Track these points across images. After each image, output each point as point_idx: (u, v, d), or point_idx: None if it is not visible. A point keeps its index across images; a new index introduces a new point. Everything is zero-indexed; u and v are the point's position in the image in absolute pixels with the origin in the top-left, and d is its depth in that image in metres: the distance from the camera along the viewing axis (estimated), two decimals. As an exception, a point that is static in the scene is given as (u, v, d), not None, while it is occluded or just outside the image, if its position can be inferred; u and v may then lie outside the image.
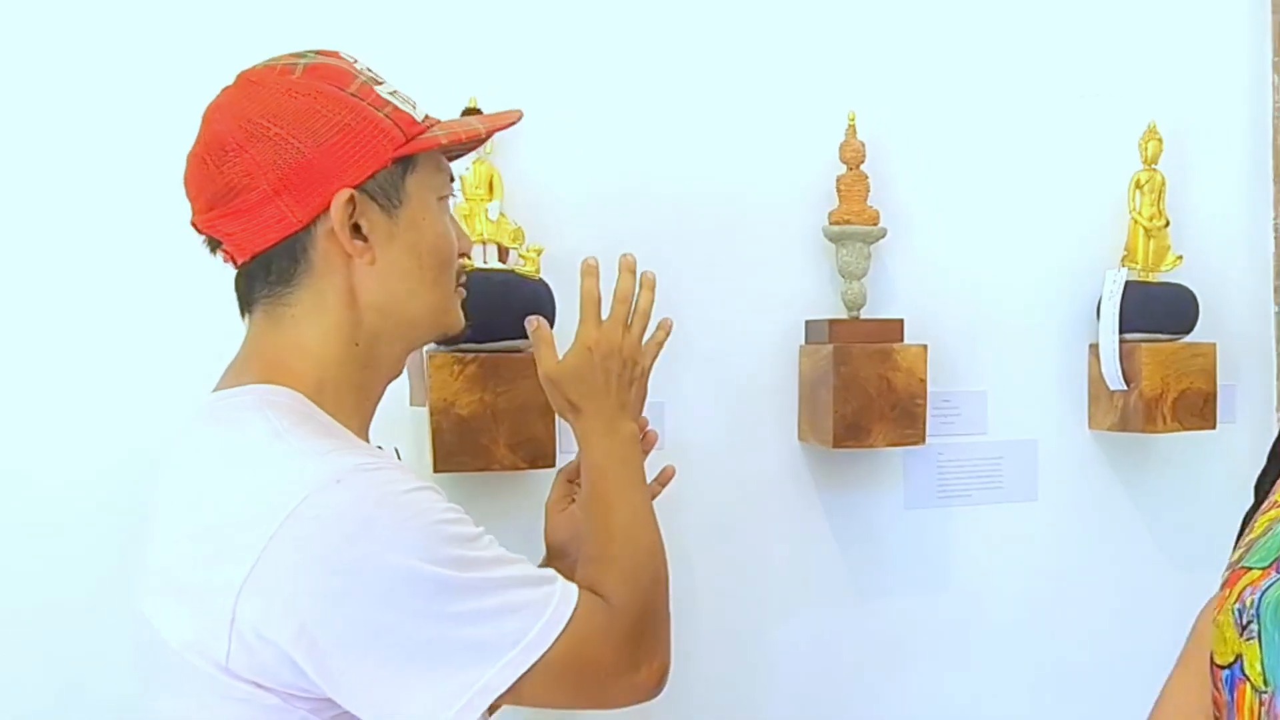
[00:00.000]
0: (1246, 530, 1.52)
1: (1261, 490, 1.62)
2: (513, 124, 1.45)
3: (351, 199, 1.27)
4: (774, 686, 2.25)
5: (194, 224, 1.32)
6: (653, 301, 1.65)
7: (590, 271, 1.61)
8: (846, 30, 2.23)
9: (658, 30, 2.12)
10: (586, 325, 1.57)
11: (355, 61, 1.34)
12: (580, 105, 2.08)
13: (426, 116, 1.36)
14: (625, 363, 1.57)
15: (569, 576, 1.42)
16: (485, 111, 1.88)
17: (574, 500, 1.75)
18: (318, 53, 1.33)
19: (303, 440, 1.21)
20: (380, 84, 1.33)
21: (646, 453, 1.71)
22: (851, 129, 2.15)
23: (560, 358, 1.57)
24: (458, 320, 1.44)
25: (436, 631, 1.17)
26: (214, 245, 1.33)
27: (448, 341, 1.50)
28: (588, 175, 2.06)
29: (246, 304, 1.34)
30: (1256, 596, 1.37)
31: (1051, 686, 2.38)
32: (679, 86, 2.14)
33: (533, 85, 2.02)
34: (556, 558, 1.73)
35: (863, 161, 2.15)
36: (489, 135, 1.43)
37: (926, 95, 2.29)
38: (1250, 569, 1.41)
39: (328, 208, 1.26)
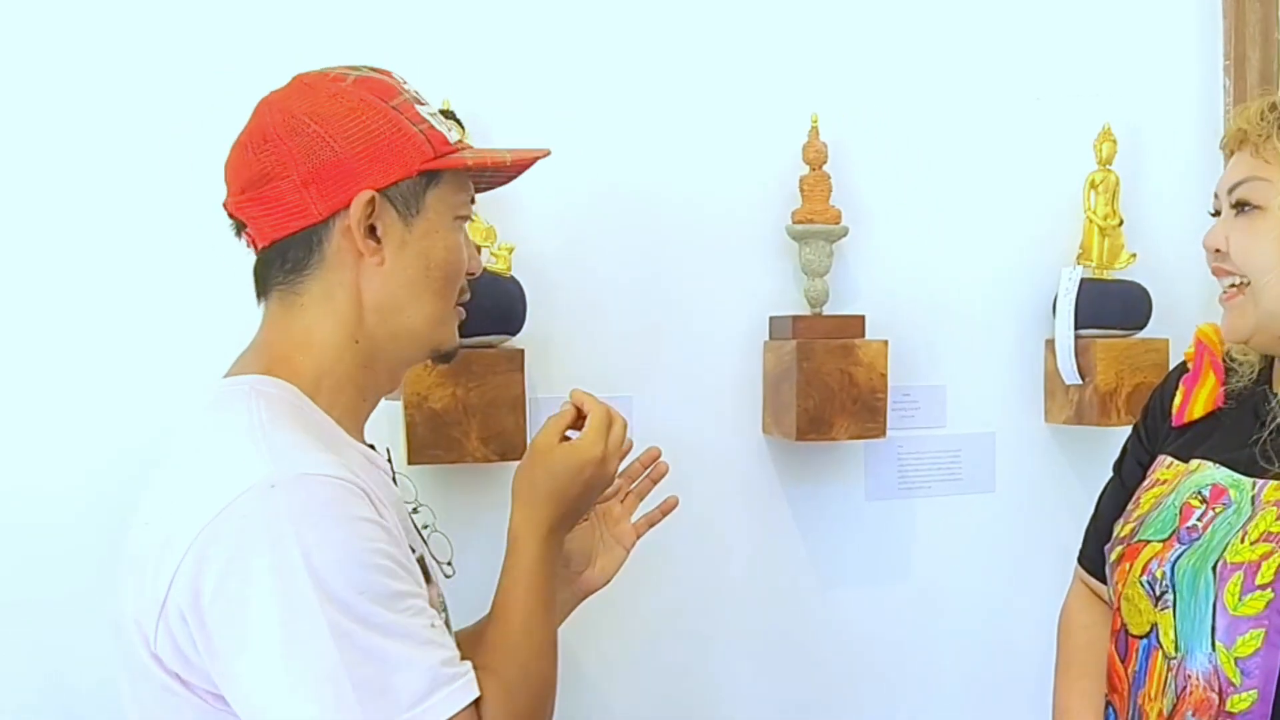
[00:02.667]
0: (1130, 506, 1.60)
1: (1120, 469, 1.72)
2: (538, 159, 1.48)
3: (372, 200, 1.31)
4: (736, 673, 2.29)
5: (225, 206, 1.37)
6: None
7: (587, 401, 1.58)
8: (809, 35, 2.26)
9: (626, 35, 2.15)
10: (596, 440, 1.52)
11: (404, 82, 1.39)
12: (552, 108, 2.10)
13: (460, 141, 1.40)
14: (596, 492, 1.56)
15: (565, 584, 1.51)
16: (460, 114, 1.93)
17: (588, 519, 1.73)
18: (371, 69, 1.38)
19: (271, 434, 1.23)
20: (423, 105, 1.38)
21: (655, 481, 1.75)
22: (814, 130, 2.18)
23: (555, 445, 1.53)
24: (452, 336, 1.45)
25: (305, 670, 1.15)
26: (239, 228, 1.37)
27: (440, 359, 1.48)
28: (558, 176, 2.03)
29: (263, 289, 1.38)
30: (1167, 567, 1.44)
31: (1008, 671, 2.41)
32: (647, 89, 2.17)
33: (505, 88, 2.07)
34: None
35: (825, 162, 2.18)
36: (514, 164, 1.45)
37: (887, 98, 2.33)
38: (1149, 541, 1.49)
39: (348, 205, 1.30)
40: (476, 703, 1.24)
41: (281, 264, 1.35)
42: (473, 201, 1.46)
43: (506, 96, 2.07)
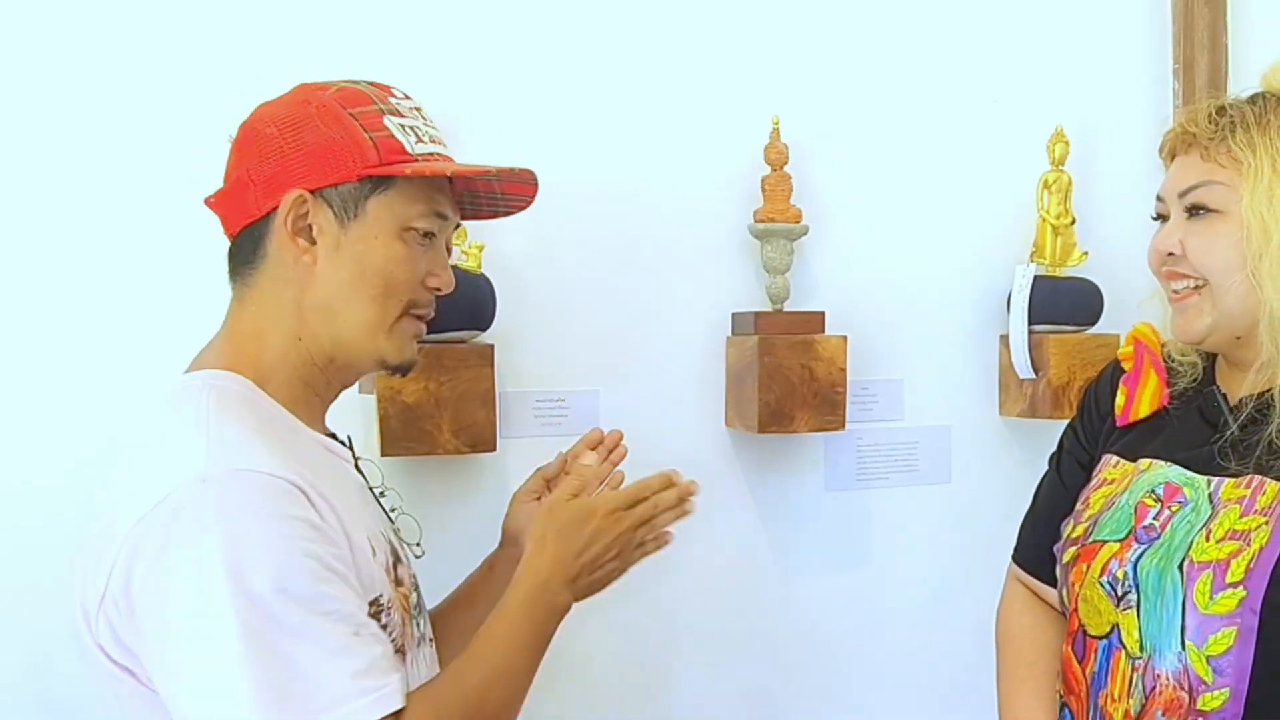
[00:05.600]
0: (1079, 506, 1.59)
1: (1059, 467, 1.72)
2: (481, 173, 1.45)
3: (301, 199, 1.32)
4: (699, 657, 2.31)
5: (205, 201, 1.40)
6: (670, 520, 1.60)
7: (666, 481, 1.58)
8: (771, 40, 2.28)
9: (594, 42, 2.17)
10: (619, 501, 1.52)
11: (403, 98, 1.40)
12: (521, 111, 2.12)
13: (429, 155, 1.38)
14: (610, 548, 1.50)
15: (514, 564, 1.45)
16: (434, 118, 1.96)
17: (540, 498, 1.74)
18: (370, 83, 1.40)
19: (215, 429, 1.23)
20: (400, 116, 1.38)
21: (615, 464, 1.75)
22: (775, 132, 2.20)
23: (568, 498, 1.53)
24: (397, 350, 1.42)
25: (211, 666, 1.13)
26: None
27: (392, 371, 1.45)
28: None
29: (231, 279, 1.41)
30: (1129, 568, 1.43)
31: (961, 655, 2.42)
32: (615, 93, 2.18)
33: (477, 92, 2.09)
34: (509, 544, 1.73)
35: (786, 163, 2.20)
36: (456, 176, 1.43)
37: (847, 101, 2.34)
38: (1105, 542, 1.48)
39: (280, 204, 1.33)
40: (398, 713, 1.21)
41: (239, 255, 1.39)
42: (441, 216, 1.43)
43: (479, 101, 2.08)
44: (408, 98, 1.42)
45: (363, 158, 1.33)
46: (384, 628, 1.31)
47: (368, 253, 1.36)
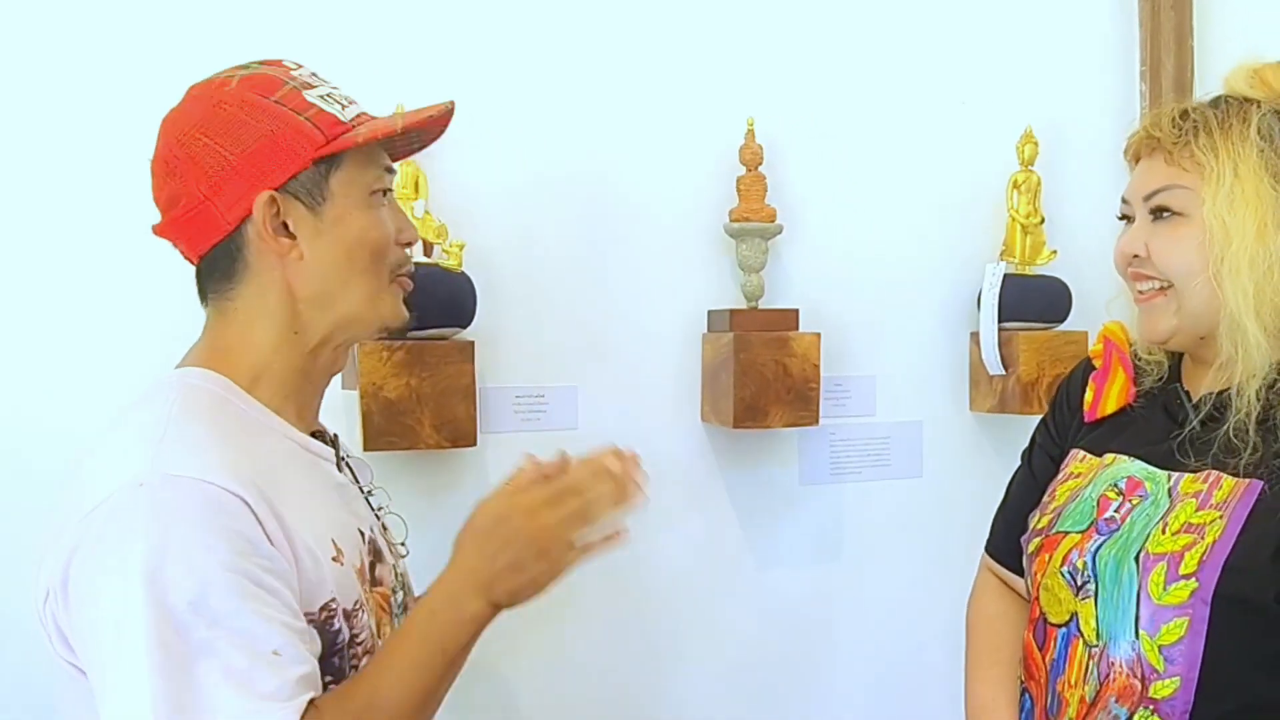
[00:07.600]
0: (1045, 499, 1.61)
1: (1030, 460, 1.73)
2: (433, 117, 1.43)
3: (272, 200, 1.30)
4: (677, 649, 2.33)
5: (154, 230, 1.36)
6: (612, 504, 1.39)
7: (614, 461, 1.42)
8: (746, 42, 2.30)
9: (574, 41, 2.19)
10: (539, 498, 1.35)
11: (297, 68, 1.37)
12: (502, 112, 2.14)
13: (358, 116, 1.37)
14: (530, 549, 1.33)
15: None
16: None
17: None
18: (261, 63, 1.36)
19: (170, 430, 1.22)
20: (312, 88, 1.35)
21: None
22: (750, 133, 2.22)
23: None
24: (394, 311, 1.42)
25: (122, 670, 1.12)
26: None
27: (393, 333, 1.45)
28: (508, 176, 2.13)
29: (203, 298, 1.38)
30: (1088, 557, 1.45)
31: (934, 646, 2.46)
32: (593, 93, 2.20)
33: (455, 93, 2.08)
34: None
35: (760, 163, 2.22)
36: (406, 129, 1.39)
37: (821, 103, 2.37)
38: (1068, 533, 1.50)
39: (252, 210, 1.30)
40: None
41: (213, 274, 1.35)
42: (390, 170, 1.42)
43: (460, 100, 2.07)
44: (299, 65, 1.39)
45: (309, 142, 1.32)
46: (336, 633, 1.30)
47: (348, 230, 1.35)
